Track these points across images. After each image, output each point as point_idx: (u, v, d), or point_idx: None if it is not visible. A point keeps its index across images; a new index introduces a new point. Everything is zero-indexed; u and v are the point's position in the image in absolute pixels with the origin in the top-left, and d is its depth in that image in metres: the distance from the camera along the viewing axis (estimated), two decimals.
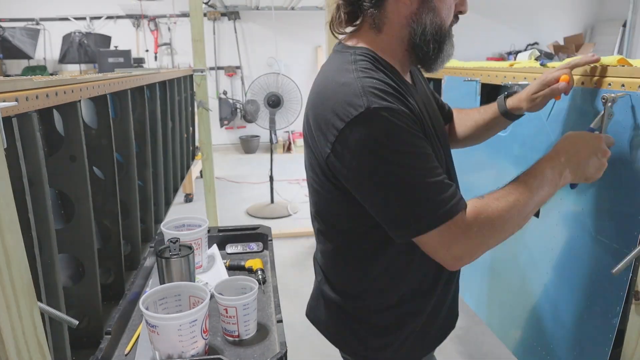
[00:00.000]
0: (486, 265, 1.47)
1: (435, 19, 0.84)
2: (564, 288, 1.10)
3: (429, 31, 0.85)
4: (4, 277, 0.56)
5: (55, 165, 1.05)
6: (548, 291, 1.17)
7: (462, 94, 1.56)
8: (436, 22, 0.85)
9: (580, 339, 1.04)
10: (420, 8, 0.83)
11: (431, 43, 0.86)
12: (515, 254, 1.31)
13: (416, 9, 0.84)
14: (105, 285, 1.31)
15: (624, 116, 0.88)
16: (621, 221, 0.91)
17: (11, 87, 0.78)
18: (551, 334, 1.15)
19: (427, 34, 0.85)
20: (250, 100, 4.30)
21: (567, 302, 1.09)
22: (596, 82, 0.95)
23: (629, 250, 0.86)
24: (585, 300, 1.03)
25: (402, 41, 0.87)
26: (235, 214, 4.27)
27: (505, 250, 1.36)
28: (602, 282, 0.97)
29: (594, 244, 0.99)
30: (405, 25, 0.85)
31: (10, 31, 5.70)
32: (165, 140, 2.13)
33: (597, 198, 0.98)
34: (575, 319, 1.06)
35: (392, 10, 0.84)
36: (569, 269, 1.08)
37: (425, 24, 0.84)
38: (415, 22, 0.84)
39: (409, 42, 0.87)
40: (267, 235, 1.44)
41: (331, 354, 1.12)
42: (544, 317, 1.18)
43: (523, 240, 1.26)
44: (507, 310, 1.36)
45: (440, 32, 0.86)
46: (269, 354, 0.92)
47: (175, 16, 6.63)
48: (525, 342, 1.26)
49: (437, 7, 0.84)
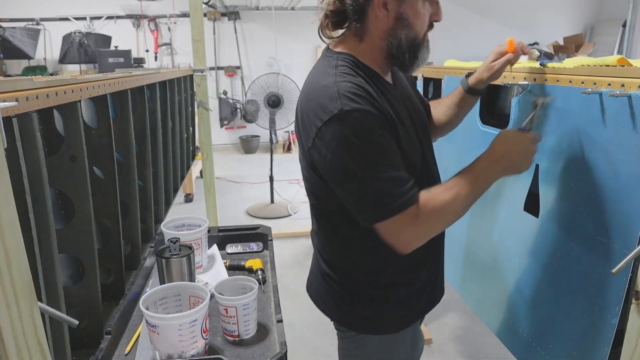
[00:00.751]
0: (486, 265, 1.48)
1: (409, 33, 0.95)
2: (564, 288, 1.10)
3: (404, 44, 0.95)
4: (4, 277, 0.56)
5: (55, 165, 1.05)
6: (548, 291, 1.17)
7: None
8: (410, 35, 0.95)
9: (580, 338, 1.04)
10: (395, 24, 0.93)
11: (407, 53, 0.96)
12: (515, 254, 1.31)
13: (392, 25, 0.94)
14: (106, 285, 1.31)
15: (624, 116, 0.88)
16: (621, 221, 0.91)
17: (11, 87, 0.78)
18: (551, 333, 1.15)
19: (403, 46, 0.95)
20: (250, 100, 4.30)
21: (567, 302, 1.09)
22: (596, 82, 0.95)
23: (629, 250, 0.86)
24: (584, 300, 1.03)
25: (381, 50, 0.97)
26: (235, 214, 4.27)
27: (505, 251, 1.37)
28: (602, 282, 0.97)
29: (593, 243, 0.99)
30: (383, 37, 0.95)
31: (10, 31, 5.70)
32: (165, 140, 2.13)
33: (596, 198, 0.98)
34: (575, 318, 1.06)
35: (371, 24, 0.95)
36: (569, 269, 1.08)
37: (400, 38, 0.94)
38: (391, 37, 0.95)
39: (387, 52, 0.97)
40: (267, 235, 1.44)
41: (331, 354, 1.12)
42: (544, 317, 1.18)
43: (523, 241, 1.26)
44: (506, 310, 1.36)
45: (414, 43, 0.96)
46: (269, 354, 0.92)
47: (175, 16, 6.63)
48: (525, 342, 1.26)
49: (411, 23, 0.94)
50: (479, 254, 1.53)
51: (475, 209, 1.54)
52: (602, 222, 0.96)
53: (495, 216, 1.40)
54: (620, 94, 0.88)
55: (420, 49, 0.98)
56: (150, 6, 6.52)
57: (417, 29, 0.95)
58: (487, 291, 1.49)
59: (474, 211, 1.54)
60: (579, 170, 1.03)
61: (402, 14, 0.92)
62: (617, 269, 0.84)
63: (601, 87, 0.93)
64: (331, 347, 2.29)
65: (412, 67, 1.01)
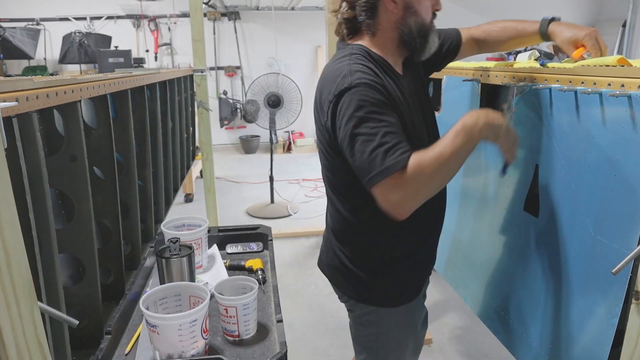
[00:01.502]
0: (486, 265, 1.48)
1: (418, 19, 1.08)
2: (564, 288, 1.10)
3: (414, 30, 1.09)
4: (5, 277, 0.56)
5: (55, 165, 1.05)
6: (547, 291, 1.17)
7: (462, 94, 1.57)
8: (418, 22, 1.09)
9: (580, 338, 1.05)
10: (404, 14, 1.08)
11: (417, 38, 1.10)
12: (515, 253, 1.31)
13: (402, 15, 1.08)
14: (106, 285, 1.31)
15: (624, 116, 0.88)
16: (621, 221, 0.91)
17: (11, 87, 0.78)
18: (550, 333, 1.15)
19: (413, 32, 1.09)
20: (250, 100, 4.30)
21: (567, 302, 1.09)
22: (596, 82, 0.95)
23: (629, 250, 0.86)
24: (584, 300, 1.03)
25: (393, 40, 1.11)
26: (235, 214, 4.27)
27: (505, 251, 1.37)
28: (602, 282, 0.97)
29: (593, 243, 0.99)
30: (395, 28, 1.09)
31: (10, 31, 5.70)
32: (165, 140, 2.13)
33: (596, 198, 0.98)
34: (575, 318, 1.06)
35: (383, 18, 1.09)
36: (569, 269, 1.08)
37: (410, 25, 1.08)
38: (402, 25, 1.09)
39: (400, 40, 1.11)
40: (267, 235, 1.44)
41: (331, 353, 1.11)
42: (544, 317, 1.18)
43: (523, 241, 1.26)
44: (506, 311, 1.36)
45: (423, 28, 1.10)
46: (269, 354, 0.92)
47: (175, 16, 6.63)
48: (524, 342, 1.26)
49: (417, 11, 1.08)
50: (478, 254, 1.53)
51: (475, 209, 1.54)
52: (602, 222, 0.96)
53: (495, 216, 1.40)
54: (620, 94, 0.88)
55: (430, 33, 1.11)
56: (150, 6, 6.51)
57: (424, 15, 1.09)
58: (486, 291, 1.49)
59: (474, 211, 1.55)
60: (579, 170, 1.03)
61: (409, 4, 1.07)
62: (617, 269, 0.84)
63: (601, 87, 0.93)
64: (331, 347, 2.29)
65: (424, 51, 1.12)
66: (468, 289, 1.62)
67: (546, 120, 1.13)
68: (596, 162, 0.97)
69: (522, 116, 1.22)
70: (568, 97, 1.04)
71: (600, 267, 0.97)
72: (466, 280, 1.63)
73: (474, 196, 1.55)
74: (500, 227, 1.39)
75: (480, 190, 1.50)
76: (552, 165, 1.12)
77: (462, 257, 1.64)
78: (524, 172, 1.24)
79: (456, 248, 1.68)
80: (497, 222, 1.40)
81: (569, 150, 1.06)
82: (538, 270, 1.20)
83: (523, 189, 1.25)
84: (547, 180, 1.15)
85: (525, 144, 1.22)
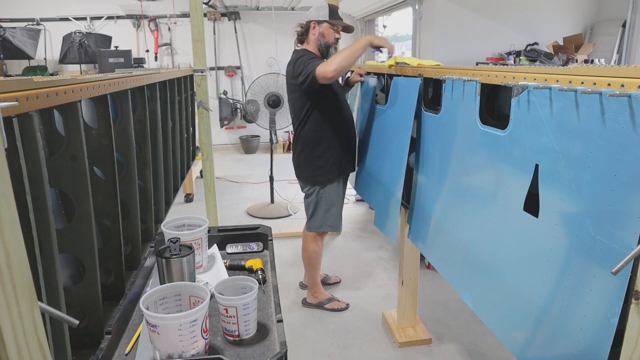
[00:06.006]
0: (485, 265, 1.48)
1: (324, 41, 2.43)
2: (563, 288, 1.10)
3: (323, 46, 2.44)
4: (5, 277, 0.56)
5: (55, 165, 1.05)
6: (547, 291, 1.17)
7: (462, 94, 1.57)
8: (326, 42, 2.43)
9: (579, 338, 1.05)
10: (319, 37, 2.43)
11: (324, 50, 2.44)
12: (514, 253, 1.31)
13: (317, 37, 2.43)
14: (106, 285, 1.31)
15: (624, 116, 0.89)
16: (621, 221, 0.91)
17: (12, 87, 0.78)
18: (550, 333, 1.15)
19: (323, 47, 2.44)
20: (251, 101, 4.30)
21: (566, 301, 1.09)
22: (595, 82, 0.95)
23: (629, 250, 0.86)
24: (584, 300, 1.03)
25: (315, 49, 2.44)
26: (235, 214, 4.27)
27: (505, 250, 1.37)
28: (602, 282, 0.97)
29: (593, 243, 0.99)
30: (315, 42, 2.44)
31: (11, 31, 5.70)
32: (165, 140, 2.13)
33: (596, 198, 0.98)
34: (575, 318, 1.06)
35: (311, 37, 2.45)
36: (568, 269, 1.08)
37: (322, 44, 2.44)
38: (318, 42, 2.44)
39: (318, 49, 2.45)
40: (267, 235, 1.44)
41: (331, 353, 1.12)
42: (543, 317, 1.18)
43: (522, 241, 1.26)
44: (506, 310, 1.36)
45: (327, 45, 2.44)
46: (269, 353, 0.92)
47: (175, 16, 6.63)
48: (524, 342, 1.26)
49: (325, 36, 2.42)
50: (478, 254, 1.53)
51: (475, 209, 1.54)
52: (602, 222, 0.96)
53: (494, 216, 1.40)
54: (620, 94, 0.88)
55: (329, 49, 2.44)
56: (151, 6, 6.52)
57: (329, 39, 2.43)
58: (486, 291, 1.49)
59: (474, 211, 1.55)
60: (578, 170, 1.03)
61: (321, 33, 2.42)
62: (617, 269, 0.84)
63: (601, 87, 0.93)
64: (331, 347, 2.29)
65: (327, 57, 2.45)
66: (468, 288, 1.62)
67: (546, 120, 1.13)
68: (596, 162, 0.97)
69: (521, 116, 1.23)
70: (568, 97, 1.04)
71: (599, 267, 0.97)
72: (466, 279, 1.63)
73: (473, 196, 1.55)
74: (499, 227, 1.39)
75: (480, 190, 1.50)
76: (552, 165, 1.12)
77: (462, 256, 1.64)
78: (524, 172, 1.24)
79: (456, 247, 1.68)
80: (496, 221, 1.40)
81: (569, 150, 1.06)
82: (538, 270, 1.20)
83: (523, 189, 1.25)
84: (547, 180, 1.15)
85: (525, 144, 1.23)
